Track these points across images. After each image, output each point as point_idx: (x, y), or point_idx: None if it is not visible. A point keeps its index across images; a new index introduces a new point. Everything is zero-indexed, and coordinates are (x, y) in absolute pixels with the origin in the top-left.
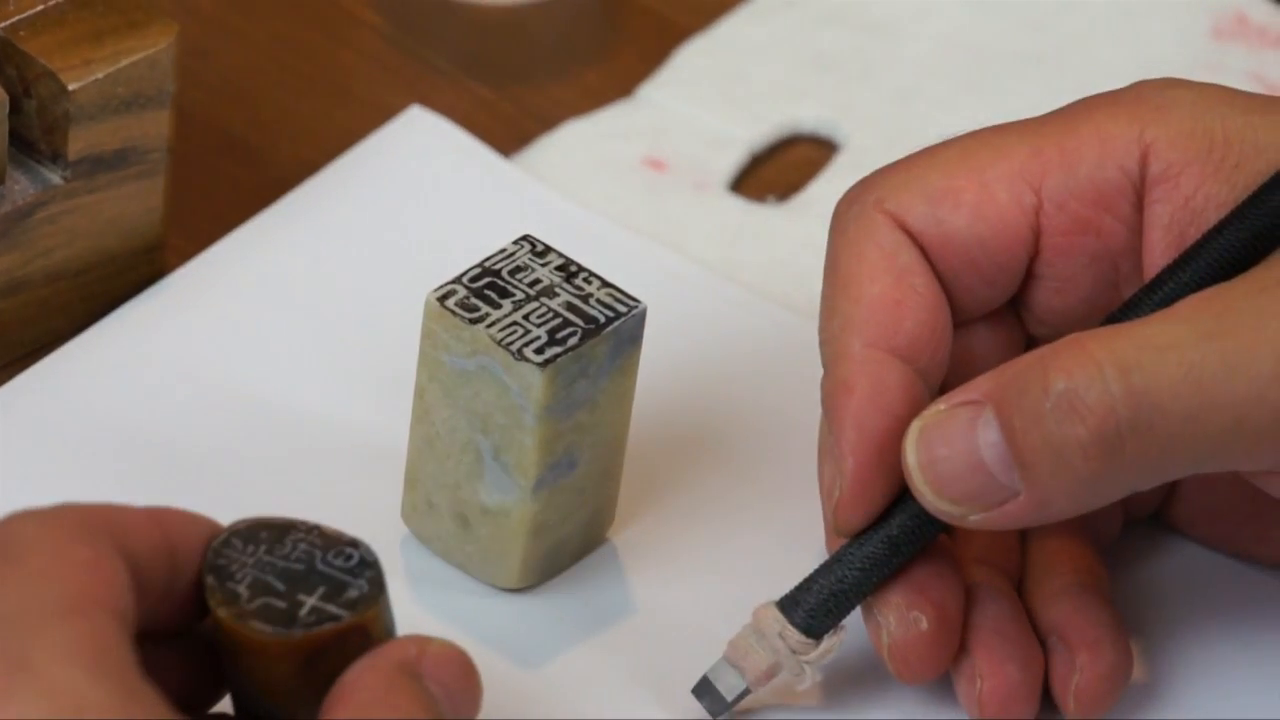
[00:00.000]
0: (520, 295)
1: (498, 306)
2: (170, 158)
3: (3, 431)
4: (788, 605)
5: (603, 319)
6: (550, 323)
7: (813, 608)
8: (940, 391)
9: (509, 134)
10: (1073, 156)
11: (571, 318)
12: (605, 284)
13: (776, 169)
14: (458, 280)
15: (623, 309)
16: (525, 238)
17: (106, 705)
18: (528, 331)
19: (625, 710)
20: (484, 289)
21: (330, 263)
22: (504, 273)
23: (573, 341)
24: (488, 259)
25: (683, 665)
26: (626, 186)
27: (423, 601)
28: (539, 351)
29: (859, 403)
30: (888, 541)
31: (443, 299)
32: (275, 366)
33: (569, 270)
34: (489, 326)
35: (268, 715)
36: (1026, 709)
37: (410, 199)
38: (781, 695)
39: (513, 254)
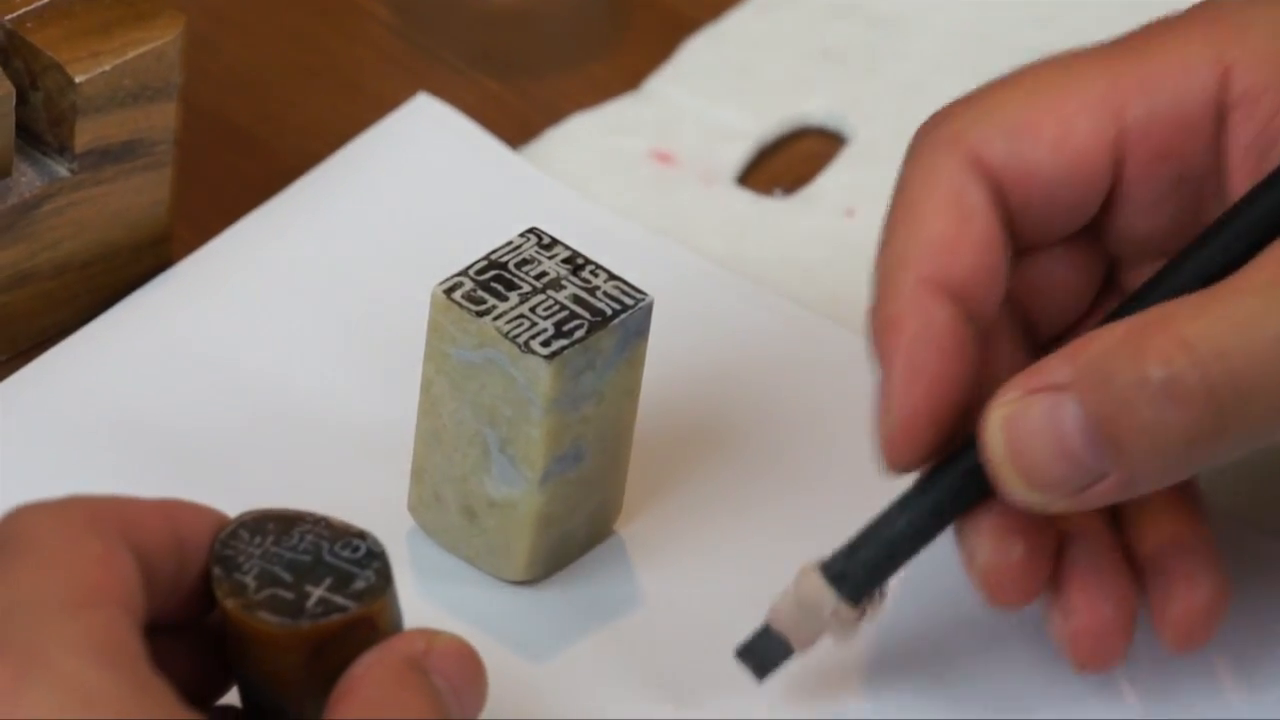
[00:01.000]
0: (527, 288)
1: (504, 299)
2: (177, 150)
3: (10, 423)
4: (831, 568)
5: (609, 311)
6: (557, 315)
7: (857, 572)
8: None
9: (516, 127)
10: (1152, 83)
11: (578, 310)
12: (612, 276)
13: (784, 162)
14: (464, 273)
15: (629, 302)
16: (532, 230)
17: (117, 697)
18: (534, 324)
19: (632, 704)
20: (490, 281)
21: (336, 253)
22: (510, 265)
23: (579, 334)
24: (494, 251)
25: (690, 658)
26: (633, 179)
27: (429, 594)
28: (546, 344)
29: (910, 340)
30: (935, 506)
31: (449, 291)
32: (281, 358)
33: (576, 263)
34: (495, 319)
35: (275, 707)
36: (1118, 646)
37: (417, 189)
38: (825, 658)
39: (519, 246)
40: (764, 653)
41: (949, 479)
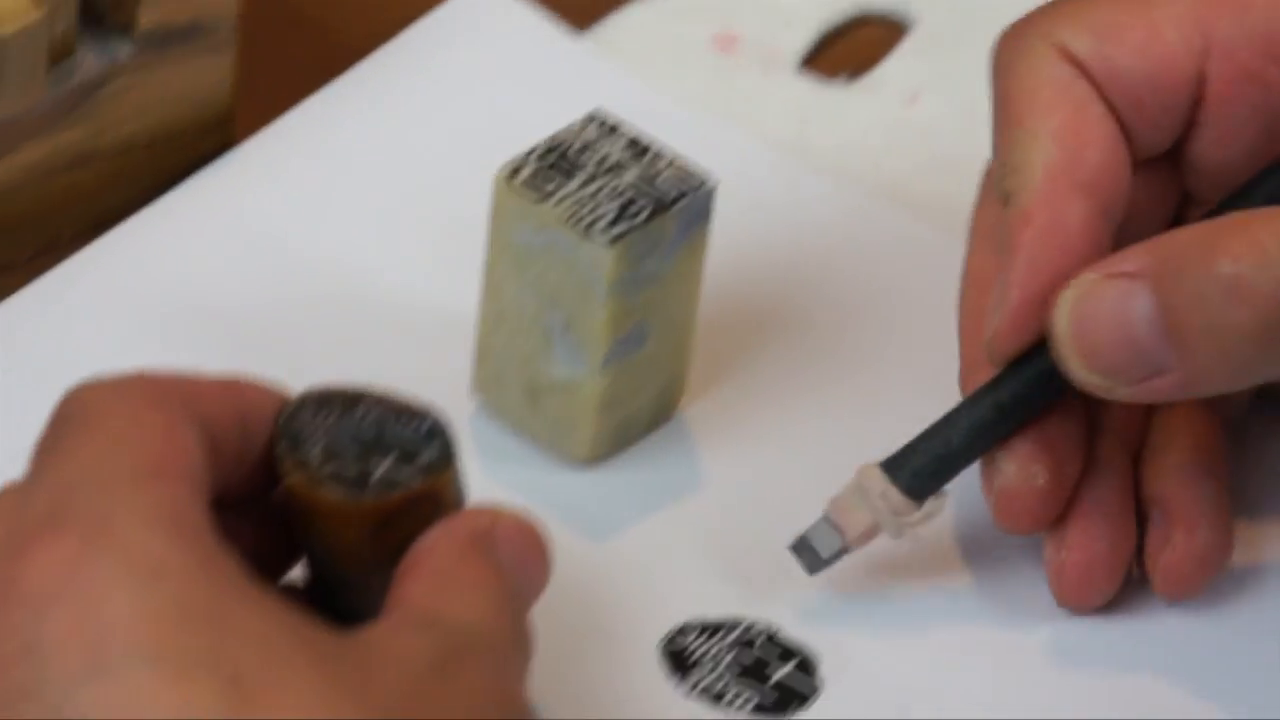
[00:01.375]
0: (589, 172)
1: (566, 183)
2: (239, 32)
3: (74, 302)
4: (892, 466)
5: (672, 196)
6: (619, 199)
7: (918, 470)
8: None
9: (578, 13)
10: (1244, 3)
11: (640, 194)
12: (674, 161)
13: (847, 48)
14: (526, 157)
15: (692, 186)
16: (594, 114)
17: (184, 568)
18: (596, 208)
19: (693, 583)
20: (553, 165)
21: (399, 136)
22: (573, 149)
23: (641, 218)
24: (556, 135)
25: (750, 539)
26: (695, 66)
27: (492, 474)
28: (608, 228)
29: (1034, 236)
30: (997, 408)
31: (511, 175)
32: (345, 239)
33: (638, 147)
34: (557, 203)
35: (340, 582)
36: (1105, 585)
37: (479, 73)
38: (878, 556)
39: (581, 130)
40: (818, 547)
41: (1017, 381)
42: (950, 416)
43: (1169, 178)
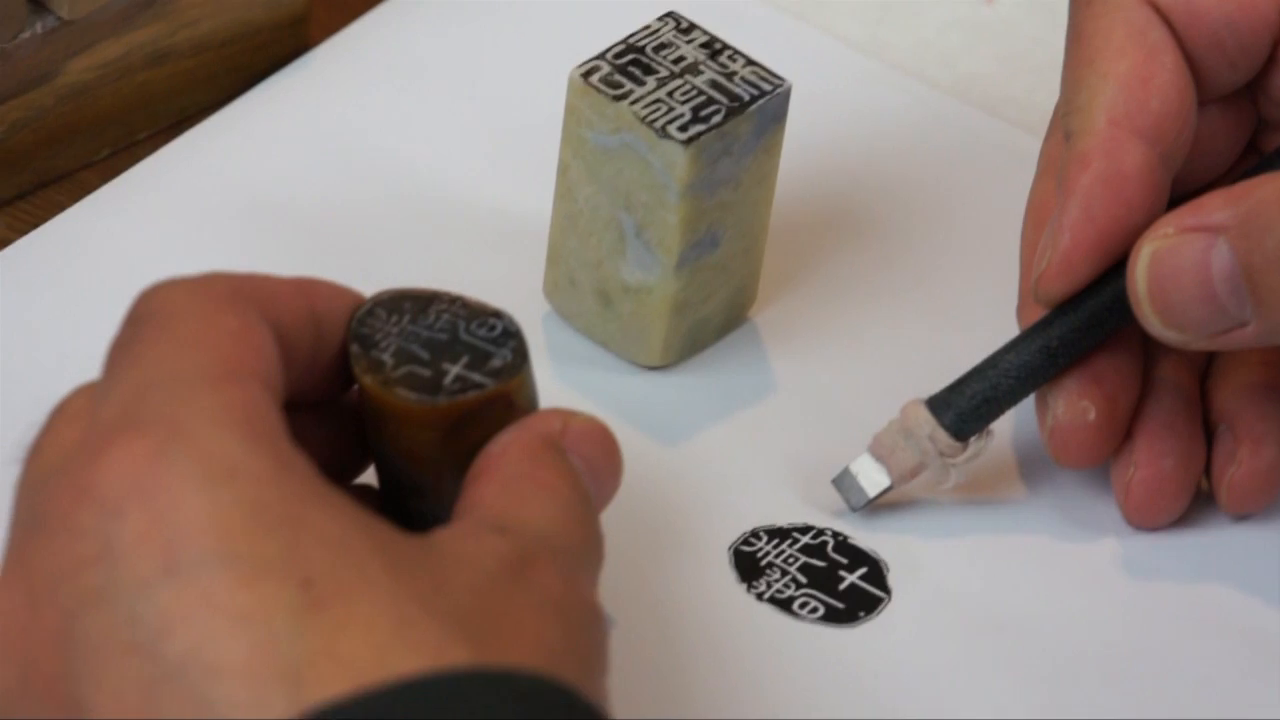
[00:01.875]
0: (664, 72)
1: (642, 83)
2: None
3: (150, 202)
4: (938, 406)
5: (747, 97)
6: (694, 100)
7: (964, 411)
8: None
9: None
10: None
11: (716, 95)
12: (750, 62)
13: None
14: (602, 56)
15: (767, 87)
16: (670, 14)
17: (258, 470)
18: (671, 109)
19: (762, 489)
20: (628, 65)
21: (475, 37)
22: (648, 49)
23: (717, 119)
24: (632, 35)
25: (821, 445)
26: None
27: (564, 377)
28: (683, 129)
29: (1090, 181)
30: (1045, 352)
31: (586, 75)
32: (419, 142)
33: (714, 47)
34: (633, 103)
35: (412, 484)
36: (1173, 503)
37: None
38: (921, 493)
39: (657, 30)
40: (863, 484)
41: (1065, 324)
42: (996, 357)
43: (1245, 107)
